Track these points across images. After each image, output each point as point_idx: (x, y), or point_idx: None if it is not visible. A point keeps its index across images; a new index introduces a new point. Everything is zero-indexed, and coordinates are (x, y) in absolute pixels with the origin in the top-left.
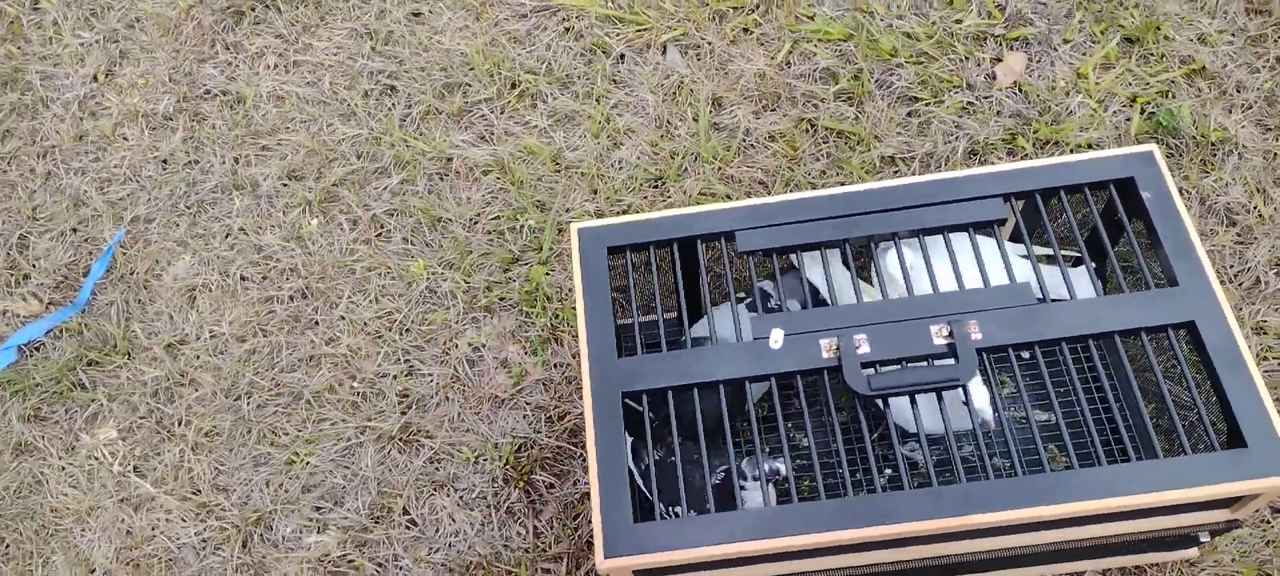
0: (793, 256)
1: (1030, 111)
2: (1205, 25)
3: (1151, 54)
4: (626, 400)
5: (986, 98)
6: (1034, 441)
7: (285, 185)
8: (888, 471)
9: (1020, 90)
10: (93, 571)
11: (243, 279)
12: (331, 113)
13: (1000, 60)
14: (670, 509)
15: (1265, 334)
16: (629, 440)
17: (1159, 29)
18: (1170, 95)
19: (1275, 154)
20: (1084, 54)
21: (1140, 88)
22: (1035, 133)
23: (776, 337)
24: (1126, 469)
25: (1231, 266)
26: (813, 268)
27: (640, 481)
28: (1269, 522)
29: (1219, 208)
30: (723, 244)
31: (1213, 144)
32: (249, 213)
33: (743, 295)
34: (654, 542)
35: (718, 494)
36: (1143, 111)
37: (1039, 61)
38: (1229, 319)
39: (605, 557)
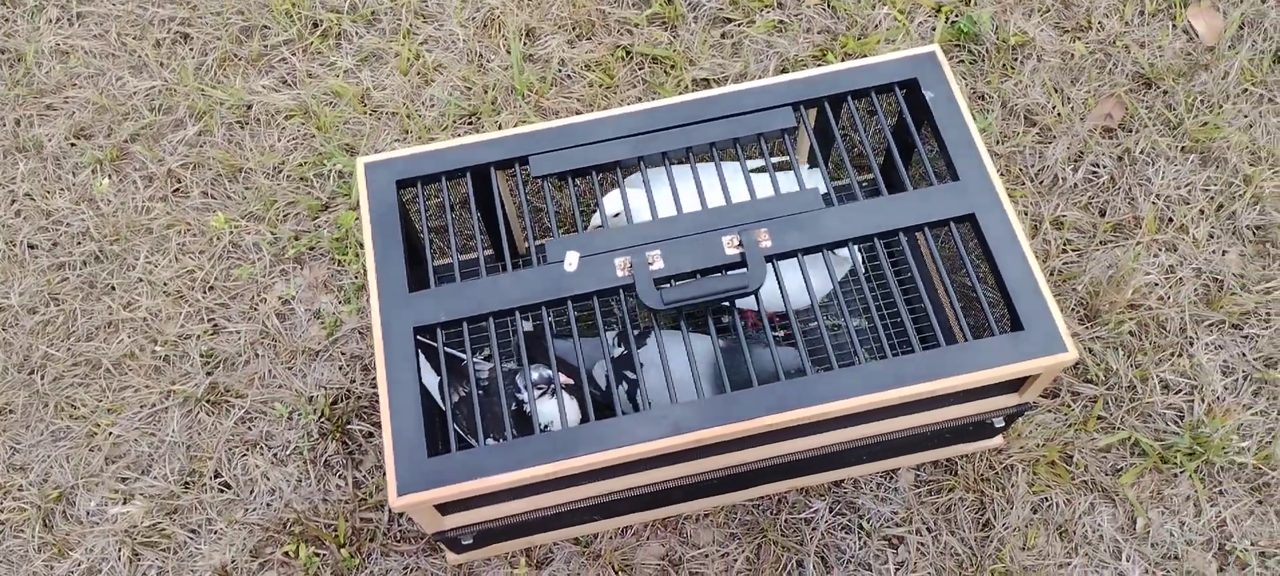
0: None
1: (838, 27)
2: None
3: None
4: (420, 337)
5: (797, 15)
6: (827, 342)
7: (73, 144)
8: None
9: (830, 6)
10: None
11: (31, 247)
12: (121, 65)
13: None
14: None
15: (1063, 228)
16: (438, 378)
17: None
18: (973, 3)
19: (1071, 55)
20: None
21: None
22: (843, 48)
23: (571, 260)
24: (908, 360)
25: (1033, 166)
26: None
27: (451, 421)
28: (1069, 406)
29: (1020, 110)
30: (518, 169)
31: (1013, 48)
32: (35, 176)
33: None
34: (448, 476)
35: (517, 419)
36: (947, 20)
37: None
38: (1007, 209)
39: (398, 494)
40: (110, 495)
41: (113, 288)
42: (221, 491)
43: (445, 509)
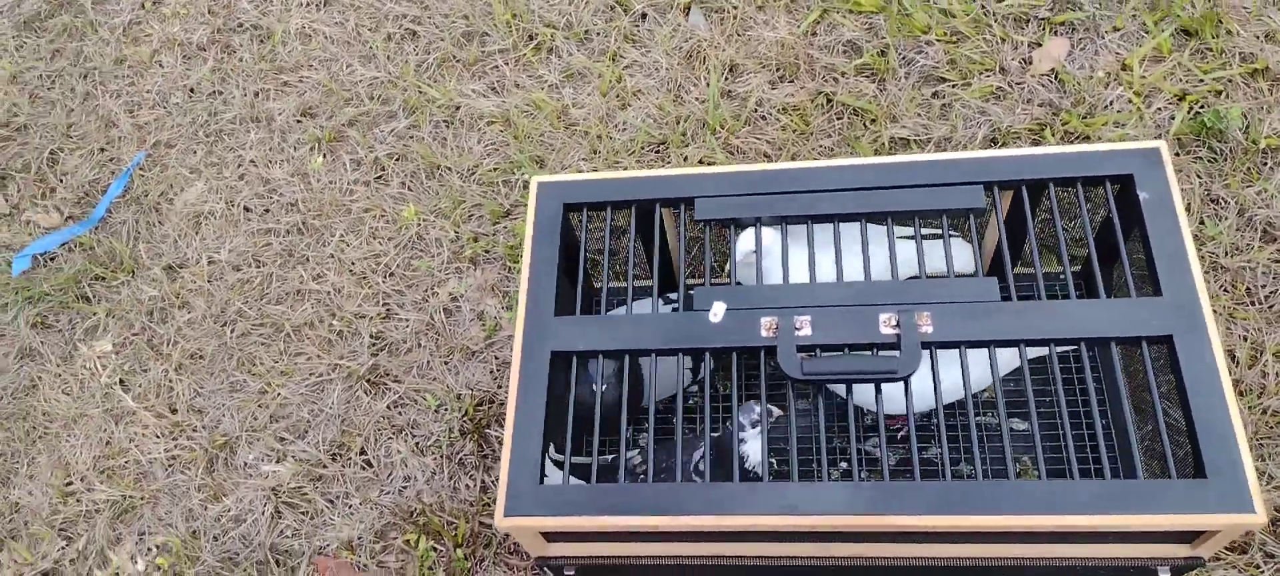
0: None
1: (1063, 101)
2: (1275, 21)
3: (1209, 49)
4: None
5: (1018, 83)
6: (977, 447)
7: (299, 121)
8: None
9: (1056, 78)
10: (70, 475)
11: (246, 210)
12: (353, 53)
13: (1040, 45)
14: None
15: None
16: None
17: (1221, 22)
18: (1224, 95)
19: None
20: (1134, 44)
21: (1191, 85)
22: (1064, 125)
23: (717, 311)
24: (1068, 485)
25: (1264, 287)
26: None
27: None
28: (1258, 567)
29: (1259, 221)
30: (682, 210)
31: (1263, 151)
32: (261, 145)
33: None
34: (553, 506)
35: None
36: (1190, 110)
37: (1082, 49)
38: (1212, 338)
39: (505, 515)
40: (267, 452)
41: (307, 259)
42: (363, 468)
43: (551, 537)
